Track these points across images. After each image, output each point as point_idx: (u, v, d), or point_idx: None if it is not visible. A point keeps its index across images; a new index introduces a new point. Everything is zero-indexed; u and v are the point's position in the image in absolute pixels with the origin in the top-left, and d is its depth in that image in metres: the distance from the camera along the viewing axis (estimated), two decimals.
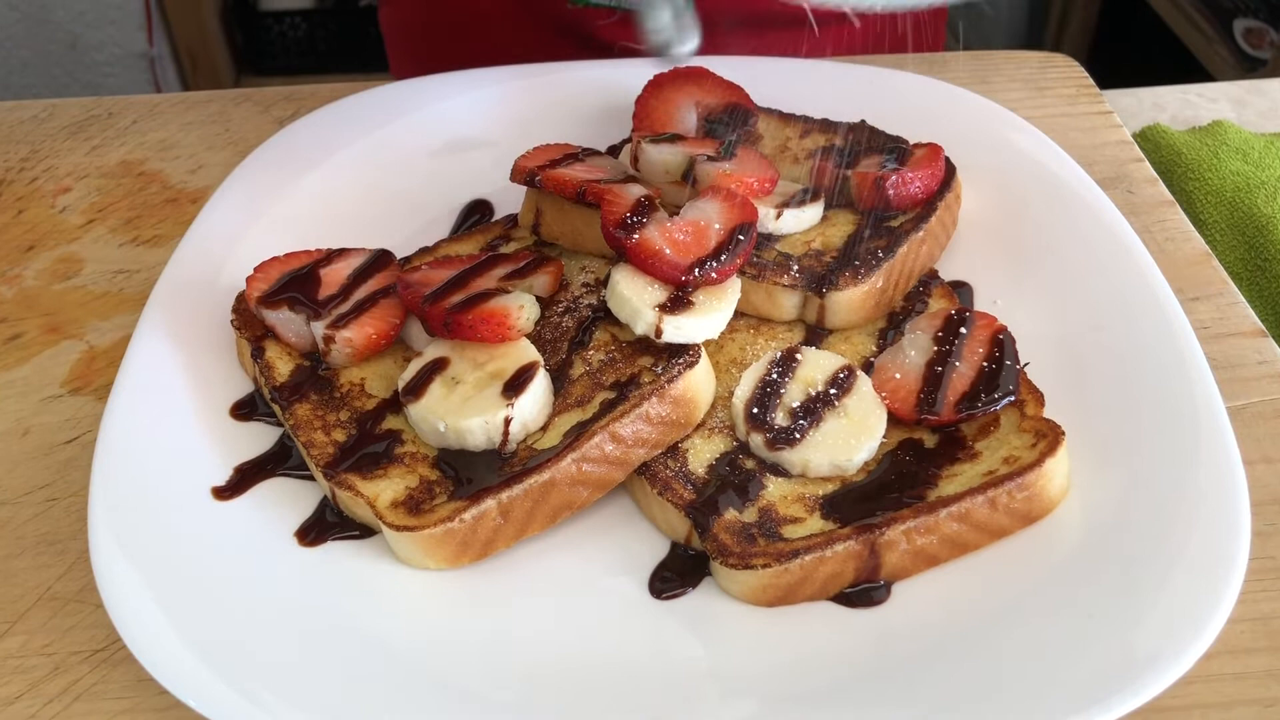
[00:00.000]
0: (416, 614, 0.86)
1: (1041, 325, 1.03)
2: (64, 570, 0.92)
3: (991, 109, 1.25)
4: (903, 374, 0.95)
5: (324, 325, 0.97)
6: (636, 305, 0.93)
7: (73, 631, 0.88)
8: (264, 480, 0.93)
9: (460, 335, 0.93)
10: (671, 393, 0.91)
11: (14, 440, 1.03)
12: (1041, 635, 0.81)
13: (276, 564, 0.88)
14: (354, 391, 0.97)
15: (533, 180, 1.06)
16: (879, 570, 0.85)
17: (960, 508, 0.85)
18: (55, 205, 1.29)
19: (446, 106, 1.30)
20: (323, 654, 0.82)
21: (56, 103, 1.45)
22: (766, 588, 0.84)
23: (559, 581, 0.88)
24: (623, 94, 1.26)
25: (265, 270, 1.02)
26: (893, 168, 1.08)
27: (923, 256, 1.06)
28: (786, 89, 1.26)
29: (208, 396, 0.99)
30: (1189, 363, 0.95)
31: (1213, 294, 1.13)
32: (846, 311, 1.01)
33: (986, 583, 0.86)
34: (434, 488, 0.89)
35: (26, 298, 1.18)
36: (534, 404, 0.91)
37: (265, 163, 1.21)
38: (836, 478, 0.91)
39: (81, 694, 0.84)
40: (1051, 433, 0.89)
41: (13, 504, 0.97)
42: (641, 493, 0.92)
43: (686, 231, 0.97)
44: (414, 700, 0.79)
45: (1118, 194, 1.24)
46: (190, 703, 0.77)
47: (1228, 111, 1.51)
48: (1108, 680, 0.76)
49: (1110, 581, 0.83)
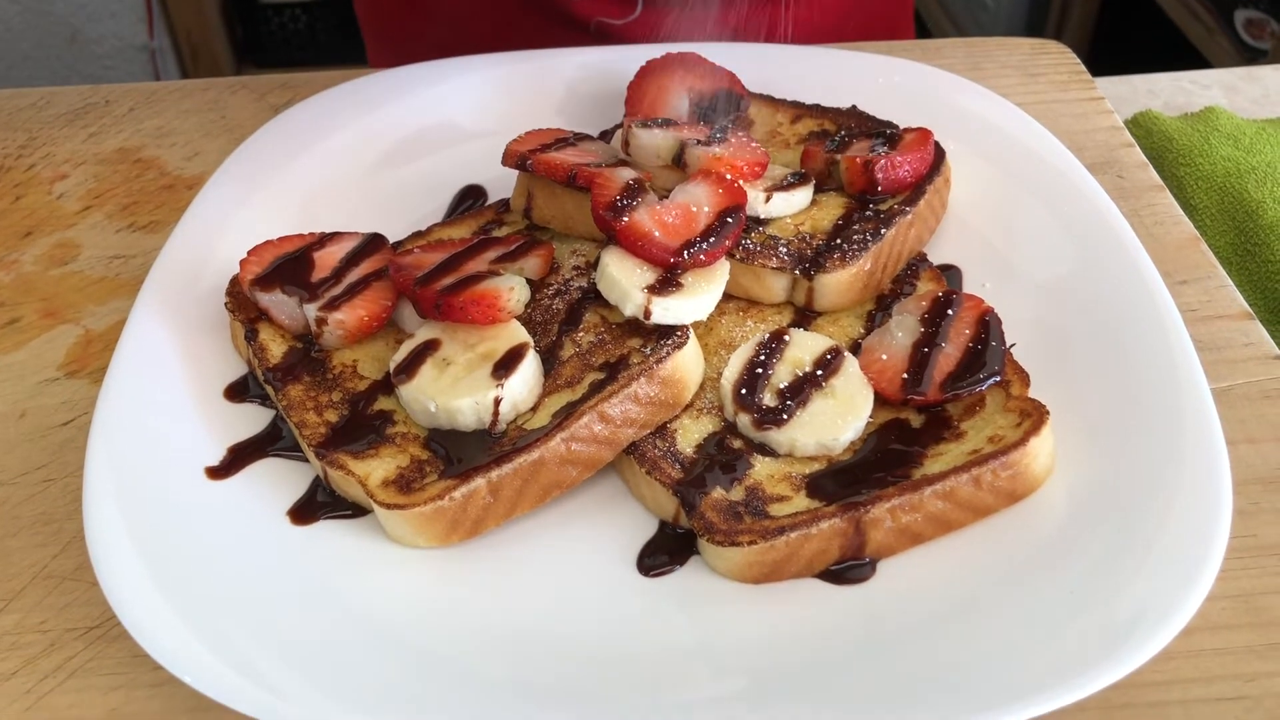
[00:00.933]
0: (407, 591, 0.87)
1: (1029, 308, 1.04)
2: (60, 549, 0.93)
3: (982, 94, 1.26)
4: (889, 355, 0.96)
5: (317, 308, 0.98)
6: (626, 287, 0.94)
7: (68, 609, 0.89)
8: (257, 460, 0.94)
9: (451, 317, 0.94)
10: (660, 373, 0.92)
11: (11, 422, 1.04)
12: (1024, 610, 0.82)
13: (269, 542, 0.89)
14: (346, 373, 0.98)
15: (524, 164, 1.07)
16: (864, 548, 0.86)
17: (945, 486, 0.86)
18: (53, 191, 1.30)
19: (439, 93, 1.31)
20: (315, 630, 0.83)
21: (55, 90, 1.46)
22: (752, 565, 0.85)
23: (548, 560, 0.89)
24: (615, 80, 1.27)
25: (259, 253, 1.03)
26: (882, 152, 1.09)
27: (911, 240, 1.07)
28: (778, 75, 1.27)
29: (202, 378, 1.00)
30: (1174, 344, 0.96)
31: (1201, 277, 1.14)
32: (835, 294, 1.02)
33: (971, 560, 0.87)
34: (425, 467, 0.90)
35: (24, 282, 1.19)
36: (524, 384, 0.92)
37: (260, 148, 1.22)
38: (823, 457, 0.92)
39: (76, 670, 0.85)
40: (1036, 412, 0.90)
41: (10, 484, 0.98)
42: (630, 472, 0.93)
43: (675, 214, 0.98)
44: (404, 676, 0.80)
45: (1108, 179, 1.25)
46: (185, 678, 0.77)
47: (1220, 98, 1.52)
48: (1089, 653, 0.77)
49: (1092, 558, 0.84)
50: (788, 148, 1.19)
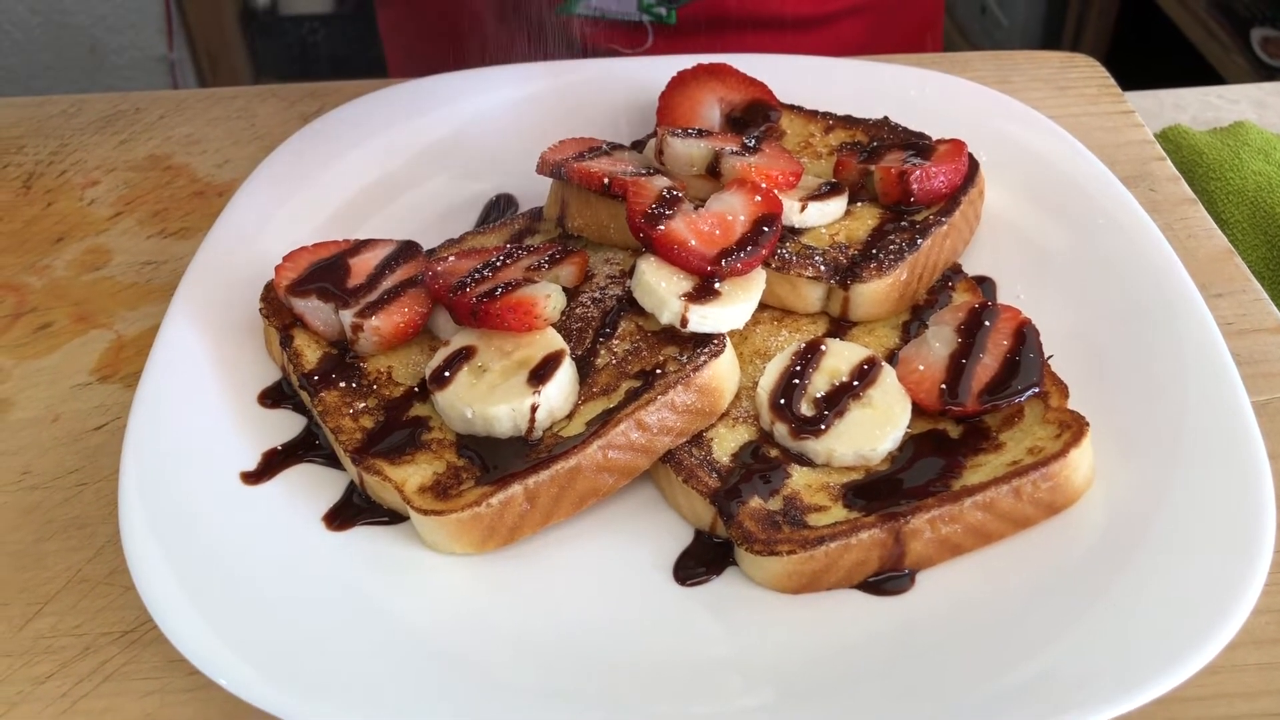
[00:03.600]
0: (443, 598, 0.87)
1: (1064, 319, 1.03)
2: (93, 554, 0.93)
3: (1013, 106, 1.26)
4: (927, 365, 0.95)
5: (352, 314, 0.98)
6: (662, 295, 0.94)
7: (103, 613, 0.89)
8: (291, 465, 0.94)
9: (487, 324, 0.94)
10: (697, 381, 0.92)
11: (44, 426, 1.04)
12: (1064, 625, 0.81)
13: (304, 548, 0.88)
14: (381, 379, 0.98)
15: (558, 173, 1.07)
16: (903, 559, 0.86)
17: (985, 497, 0.85)
18: (84, 198, 1.31)
19: (470, 102, 1.31)
20: (350, 637, 0.82)
21: (84, 98, 1.46)
22: (791, 575, 0.85)
23: (584, 567, 0.89)
24: (646, 91, 1.27)
25: (294, 260, 1.03)
26: (917, 162, 1.09)
27: (946, 250, 1.07)
28: (808, 86, 1.27)
29: (236, 383, 1.00)
30: (1213, 357, 0.95)
31: (1235, 290, 1.13)
32: (871, 304, 1.01)
33: (1011, 572, 0.86)
34: (461, 473, 0.90)
35: (56, 288, 1.19)
36: (560, 392, 0.92)
37: (292, 156, 1.22)
38: (861, 467, 0.91)
39: (111, 674, 0.85)
40: (1076, 424, 0.89)
41: (44, 488, 0.98)
42: (666, 481, 0.93)
43: (712, 223, 0.97)
44: (438, 683, 0.79)
45: (1140, 192, 1.24)
46: (220, 681, 0.77)
47: (1249, 113, 1.52)
48: (1131, 670, 0.76)
49: (1134, 572, 0.83)
50: (820, 159, 1.19)
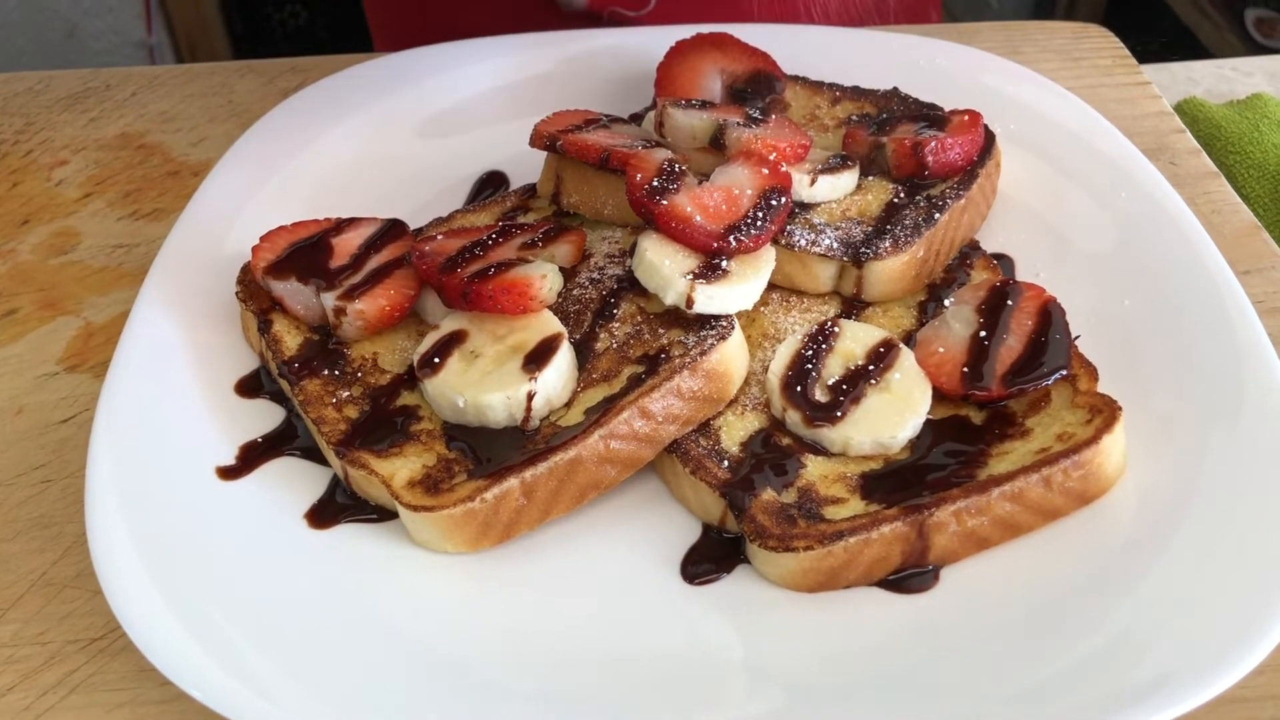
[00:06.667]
0: (434, 600, 0.81)
1: (1088, 298, 0.98)
2: (59, 555, 0.87)
3: (1027, 76, 1.21)
4: (947, 348, 0.90)
5: (335, 296, 0.92)
6: (666, 274, 0.88)
7: (69, 619, 0.83)
8: (271, 460, 0.89)
9: (479, 306, 0.88)
10: (704, 366, 0.86)
11: (7, 419, 0.98)
12: (1100, 624, 0.76)
13: (285, 548, 0.83)
14: (366, 366, 0.92)
15: (554, 145, 1.01)
16: (927, 554, 0.80)
17: (1013, 487, 0.80)
18: (51, 178, 1.24)
19: (457, 75, 1.25)
20: (335, 643, 0.77)
21: (53, 74, 1.40)
22: (808, 572, 0.79)
23: (585, 566, 0.84)
24: (642, 62, 1.21)
25: (272, 240, 0.97)
26: (931, 134, 1.03)
27: (964, 226, 1.01)
28: (812, 56, 1.22)
29: (211, 372, 0.94)
30: (1247, 337, 0.90)
31: (1264, 267, 1.08)
32: (886, 282, 0.96)
33: (1040, 567, 0.81)
34: (453, 466, 0.84)
35: (21, 272, 1.13)
36: (558, 378, 0.86)
37: (271, 132, 1.16)
38: (879, 456, 0.86)
39: (78, 685, 0.79)
40: (1108, 408, 0.84)
41: (6, 485, 0.92)
42: (672, 472, 0.87)
43: (717, 197, 0.92)
44: (430, 691, 0.74)
45: (1160, 165, 1.18)
46: (194, 693, 0.72)
47: (1264, 85, 1.47)
48: (1175, 673, 0.71)
49: (1172, 566, 0.78)
50: (827, 131, 1.13)
